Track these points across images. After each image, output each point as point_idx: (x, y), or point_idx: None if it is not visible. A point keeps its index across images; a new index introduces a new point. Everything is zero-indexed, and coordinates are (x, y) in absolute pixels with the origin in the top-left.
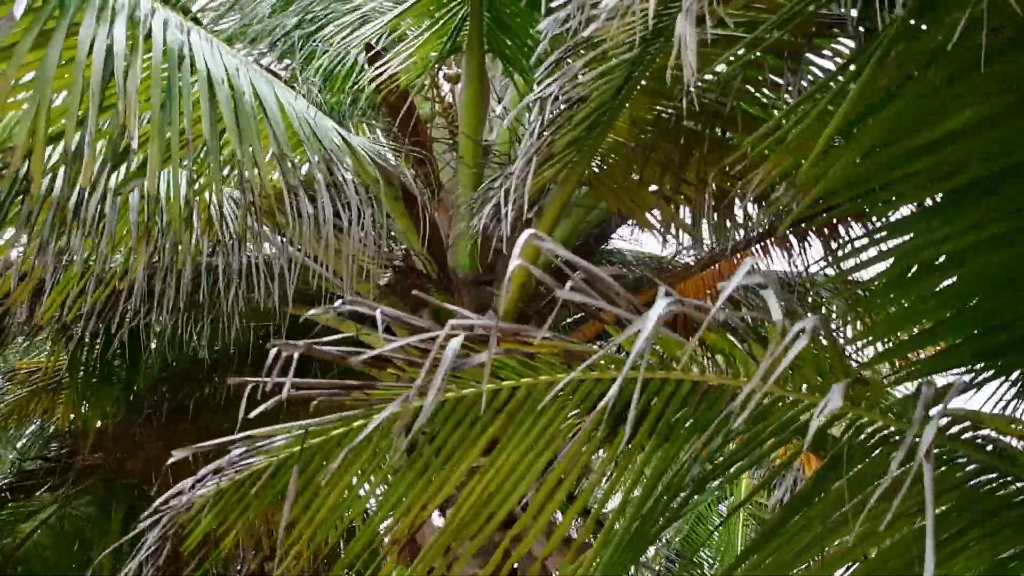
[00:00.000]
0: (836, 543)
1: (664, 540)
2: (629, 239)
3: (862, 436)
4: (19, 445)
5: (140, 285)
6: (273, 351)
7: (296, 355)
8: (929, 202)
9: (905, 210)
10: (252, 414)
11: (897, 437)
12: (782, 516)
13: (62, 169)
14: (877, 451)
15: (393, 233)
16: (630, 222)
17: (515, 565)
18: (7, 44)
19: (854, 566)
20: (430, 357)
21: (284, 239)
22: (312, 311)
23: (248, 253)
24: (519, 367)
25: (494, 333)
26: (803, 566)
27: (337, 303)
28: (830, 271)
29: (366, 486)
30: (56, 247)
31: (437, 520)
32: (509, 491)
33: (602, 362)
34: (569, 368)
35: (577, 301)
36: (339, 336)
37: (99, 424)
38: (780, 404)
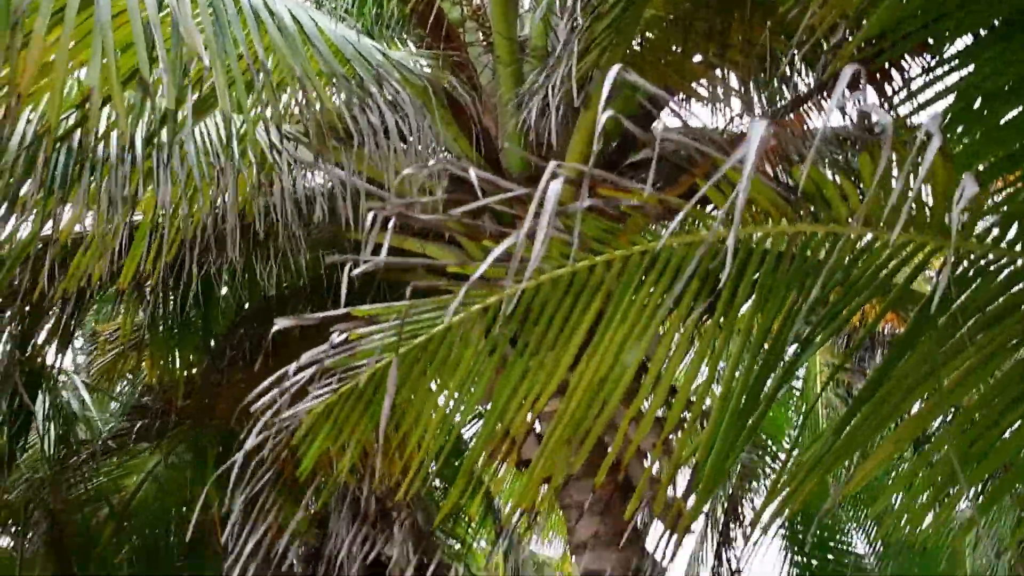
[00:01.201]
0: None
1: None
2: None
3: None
4: (112, 407)
5: (208, 230)
6: (370, 215)
7: (392, 222)
8: (984, 32)
9: (960, 44)
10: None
11: (993, 267)
12: (875, 377)
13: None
14: (977, 282)
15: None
16: (679, 97)
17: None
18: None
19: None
20: (531, 209)
21: (346, 157)
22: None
23: (307, 182)
24: (605, 235)
25: (587, 179)
26: (894, 423)
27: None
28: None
29: (472, 390)
30: (125, 208)
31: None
32: (618, 376)
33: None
34: (663, 226)
35: (674, 140)
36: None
37: (186, 374)
38: (878, 245)
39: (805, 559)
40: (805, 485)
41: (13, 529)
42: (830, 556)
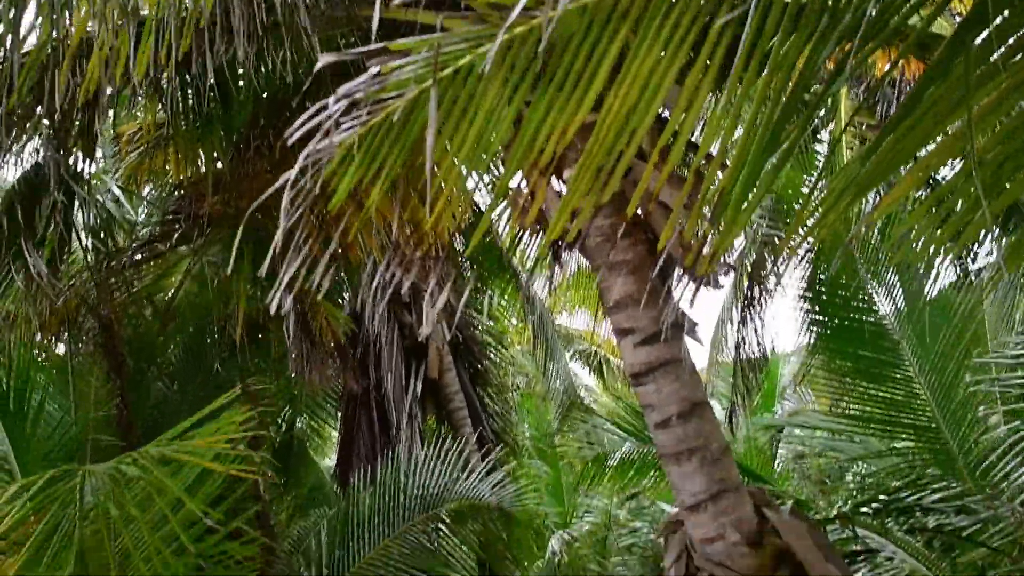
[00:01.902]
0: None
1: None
2: None
3: None
4: (141, 208)
5: (219, 18)
6: None
7: None
8: None
9: None
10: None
11: None
12: (906, 102)
13: None
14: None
15: None
16: None
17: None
18: None
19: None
20: None
21: None
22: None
23: None
24: None
25: None
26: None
27: None
28: None
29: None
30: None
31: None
32: (645, 107)
33: None
34: None
35: None
36: None
37: (214, 169)
38: None
39: (826, 319)
40: (833, 211)
41: (65, 335)
42: (851, 316)
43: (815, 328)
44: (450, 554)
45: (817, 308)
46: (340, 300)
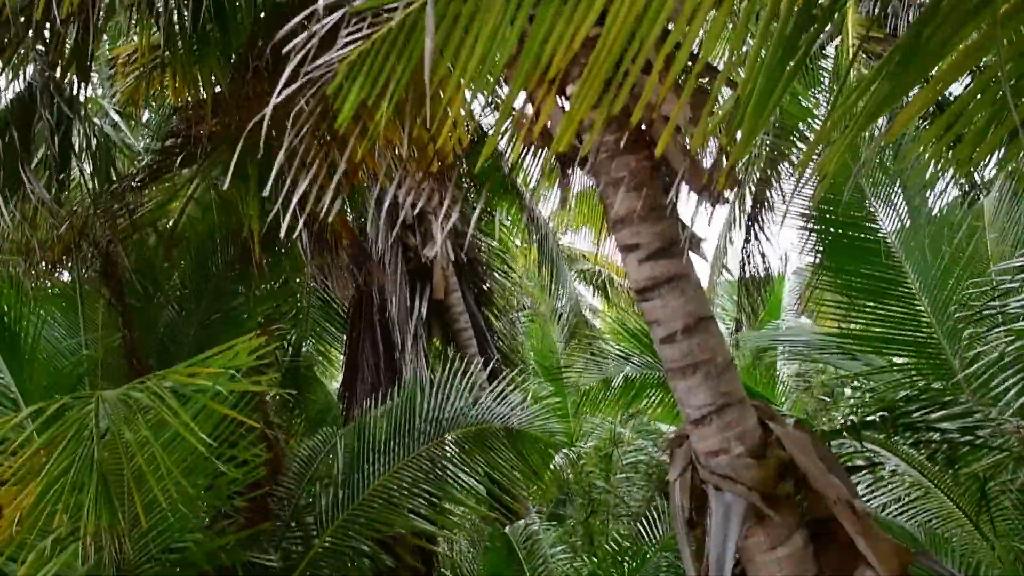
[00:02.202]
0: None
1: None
2: None
3: None
4: (141, 134)
5: None
6: None
7: None
8: None
9: None
10: None
11: None
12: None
13: None
14: None
15: None
16: None
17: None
18: None
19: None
20: None
21: None
22: None
23: None
24: None
25: None
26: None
27: None
28: None
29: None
30: None
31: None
32: (653, 16)
33: None
34: None
35: None
36: None
37: (213, 92)
38: None
39: (828, 237)
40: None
41: (68, 263)
42: (853, 234)
43: (818, 247)
44: (459, 476)
45: (820, 226)
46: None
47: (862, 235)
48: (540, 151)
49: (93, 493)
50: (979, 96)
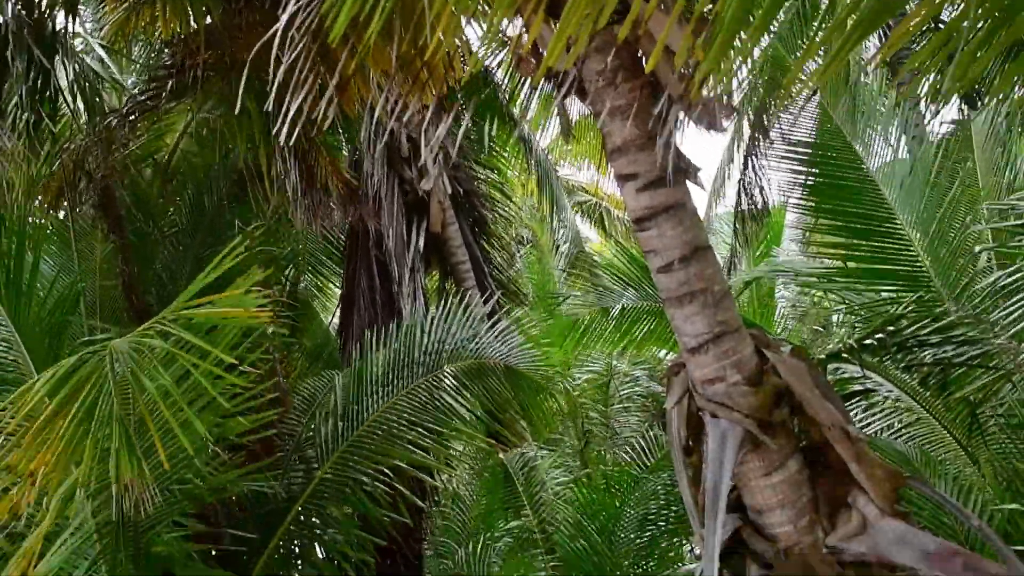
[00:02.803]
0: None
1: None
2: None
3: None
4: (132, 68)
5: None
6: None
7: None
8: None
9: None
10: None
11: None
12: None
13: None
14: None
15: None
16: None
17: None
18: None
19: None
20: None
21: None
22: None
23: None
24: None
25: None
26: None
27: None
28: None
29: None
30: None
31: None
32: None
33: None
34: None
35: None
36: None
37: (205, 23)
38: None
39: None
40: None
41: (63, 200)
42: (844, 167)
43: (811, 179)
44: (457, 409)
45: (814, 158)
46: (340, 156)
47: (853, 169)
48: (539, 86)
49: (119, 444)
50: (978, 10)
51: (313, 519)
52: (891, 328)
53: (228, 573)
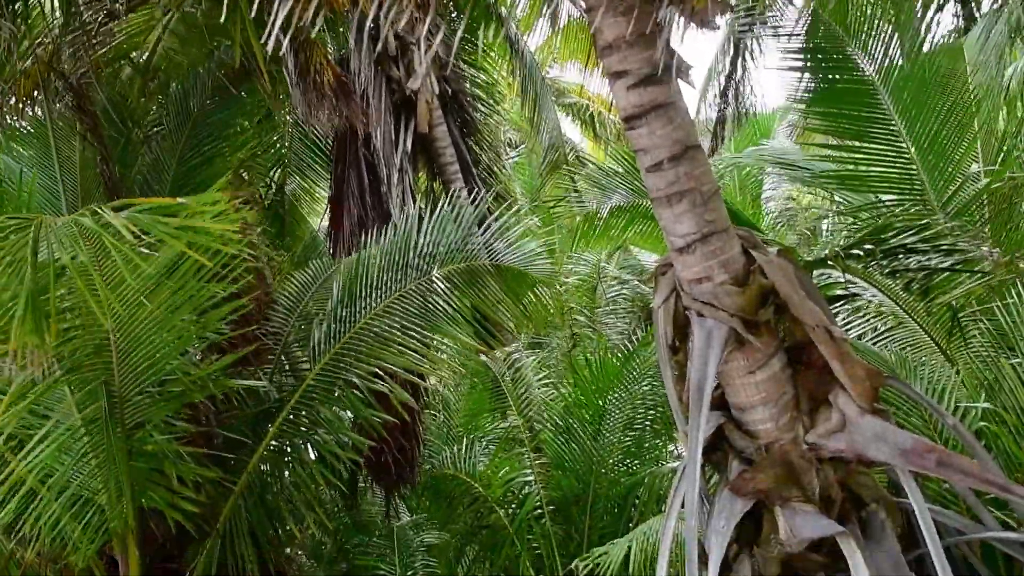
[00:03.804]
0: None
1: None
2: None
3: None
4: None
5: None
6: None
7: None
8: None
9: None
10: None
11: None
12: None
13: None
14: None
15: None
16: None
17: None
18: None
19: None
20: None
21: None
22: None
23: None
24: None
25: None
26: None
27: None
28: None
29: None
30: None
31: None
32: None
33: None
34: None
35: None
36: None
37: None
38: None
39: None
40: None
41: (38, 97)
42: (839, 73)
43: (805, 84)
44: (447, 310)
45: (807, 63)
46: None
47: (847, 75)
48: None
49: (22, 312)
50: None
51: (303, 419)
52: (880, 236)
53: (218, 471)
